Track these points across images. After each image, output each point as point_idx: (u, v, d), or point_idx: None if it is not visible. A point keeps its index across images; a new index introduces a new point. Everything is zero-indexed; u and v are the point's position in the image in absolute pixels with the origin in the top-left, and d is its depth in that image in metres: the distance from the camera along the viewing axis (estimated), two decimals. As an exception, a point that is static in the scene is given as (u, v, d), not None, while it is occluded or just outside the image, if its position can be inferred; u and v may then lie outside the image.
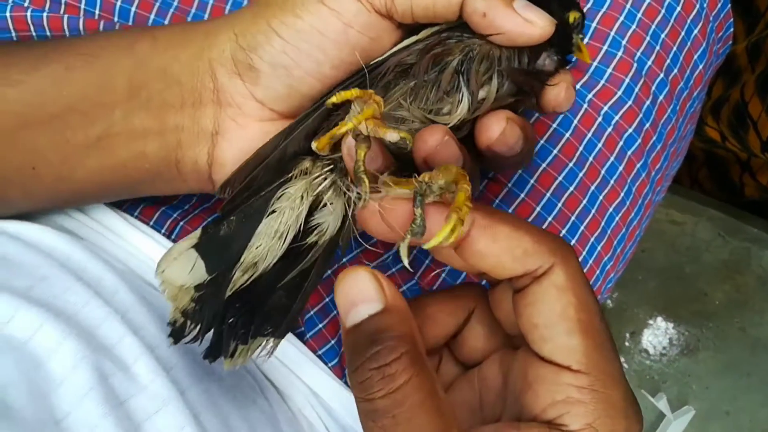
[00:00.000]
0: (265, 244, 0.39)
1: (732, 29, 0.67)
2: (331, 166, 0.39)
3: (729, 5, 0.64)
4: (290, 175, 0.40)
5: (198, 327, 0.38)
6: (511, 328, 0.35)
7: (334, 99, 0.35)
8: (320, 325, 0.52)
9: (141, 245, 0.50)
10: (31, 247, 0.44)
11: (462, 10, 0.39)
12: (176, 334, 0.38)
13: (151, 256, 0.50)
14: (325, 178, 0.39)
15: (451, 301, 0.37)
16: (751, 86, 0.99)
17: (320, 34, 0.40)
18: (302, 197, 0.39)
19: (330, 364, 0.51)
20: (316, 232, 0.40)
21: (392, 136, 0.34)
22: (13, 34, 0.53)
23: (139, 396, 0.38)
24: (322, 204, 0.40)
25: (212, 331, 0.39)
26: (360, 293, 0.30)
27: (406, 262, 0.31)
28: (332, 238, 0.40)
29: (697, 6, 0.60)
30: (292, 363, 0.49)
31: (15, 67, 0.43)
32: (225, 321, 0.38)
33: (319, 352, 0.51)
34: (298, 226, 0.39)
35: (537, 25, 0.38)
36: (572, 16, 0.43)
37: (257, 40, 0.41)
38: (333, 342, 0.52)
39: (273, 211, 0.39)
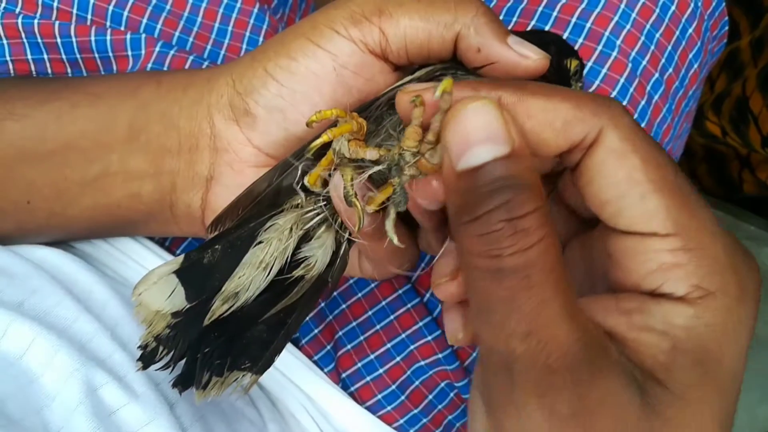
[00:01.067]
0: (249, 274, 0.37)
1: (727, 28, 0.66)
2: (324, 203, 0.38)
3: (723, 4, 0.63)
4: (281, 208, 0.39)
5: (171, 354, 0.37)
6: (583, 210, 0.32)
7: (314, 117, 0.35)
8: (315, 331, 0.52)
9: (132, 253, 0.50)
10: (22, 258, 0.44)
11: (456, 47, 0.38)
12: (146, 359, 0.37)
13: (143, 264, 0.50)
14: (318, 213, 0.38)
15: None
16: (752, 81, 0.99)
17: (315, 76, 0.40)
18: (291, 229, 0.38)
19: (326, 370, 0.51)
20: (303, 266, 0.38)
21: (371, 153, 0.33)
22: (4, 41, 0.53)
23: (129, 408, 0.38)
24: (313, 238, 0.39)
25: (184, 359, 0.37)
26: (482, 129, 0.25)
27: (394, 238, 0.31)
28: (320, 274, 0.39)
29: (692, 5, 0.60)
30: (287, 369, 0.49)
31: (23, 101, 0.44)
32: (200, 350, 0.37)
33: (315, 358, 0.51)
34: (285, 258, 0.38)
35: (531, 59, 0.37)
36: (572, 63, 0.42)
37: (253, 84, 0.41)
38: (329, 347, 0.52)
39: (260, 242, 0.38)
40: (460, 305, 0.31)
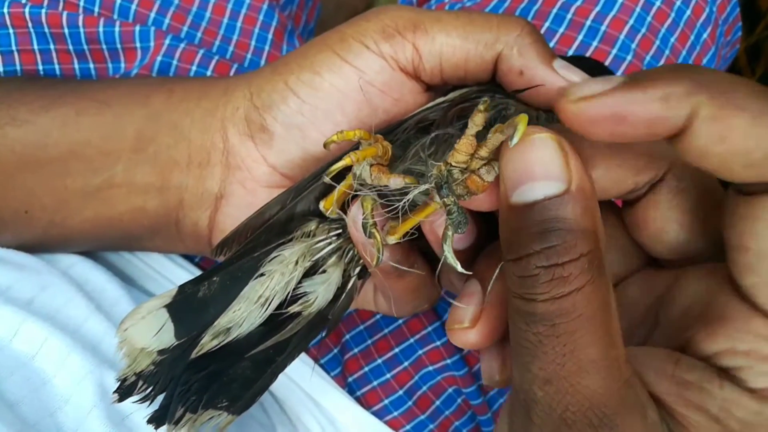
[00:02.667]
0: (245, 309, 0.34)
1: (740, 33, 0.66)
2: (339, 231, 0.35)
3: (738, 9, 0.63)
4: (291, 236, 0.36)
5: (151, 389, 0.34)
6: (659, 247, 0.29)
7: (334, 138, 0.31)
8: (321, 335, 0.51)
9: (160, 267, 0.49)
10: (33, 254, 0.43)
11: (496, 69, 0.36)
12: (124, 392, 0.34)
13: (170, 278, 0.49)
14: (330, 243, 0.35)
15: None
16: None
17: (339, 93, 0.37)
18: (297, 262, 0.35)
19: (332, 374, 0.50)
20: (301, 302, 0.35)
21: (396, 182, 0.30)
22: (11, 30, 0.52)
23: (142, 411, 0.37)
24: (319, 271, 0.36)
25: (164, 392, 0.34)
26: (538, 164, 0.24)
27: (457, 266, 0.27)
28: (320, 311, 0.36)
29: (707, 10, 0.59)
30: (294, 372, 0.48)
31: (26, 106, 0.41)
32: (179, 384, 0.34)
33: (321, 362, 0.50)
34: (286, 293, 0.35)
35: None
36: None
37: (272, 99, 0.38)
38: (335, 351, 0.51)
39: (261, 274, 0.35)
40: (499, 345, 0.30)
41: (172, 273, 0.48)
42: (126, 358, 0.34)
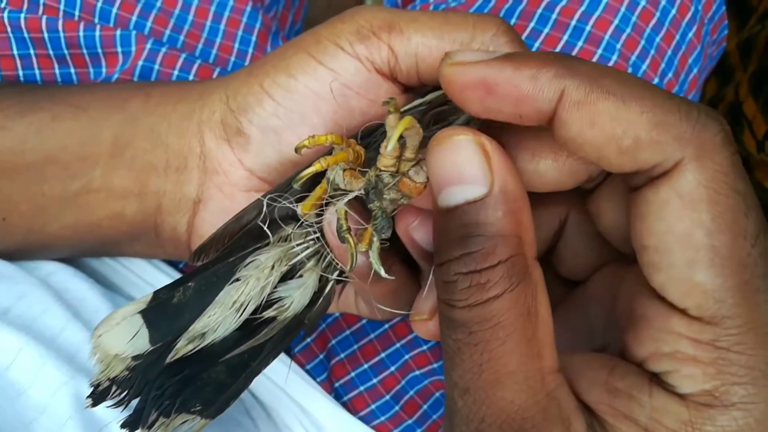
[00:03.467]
0: (220, 314, 0.34)
1: (726, 31, 0.66)
2: (317, 235, 0.35)
3: (724, 7, 0.63)
4: (267, 241, 0.35)
5: (125, 394, 0.34)
6: (620, 241, 0.28)
7: (305, 142, 0.31)
8: (308, 339, 0.51)
9: (143, 273, 0.49)
10: (11, 261, 0.42)
11: None
12: (97, 397, 0.33)
13: (137, 272, 0.48)
14: (307, 247, 0.35)
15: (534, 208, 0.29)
16: (744, 86, 0.98)
17: (315, 95, 0.37)
18: (274, 266, 0.35)
19: (318, 380, 0.50)
20: (275, 307, 0.35)
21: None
22: (-10, 36, 0.51)
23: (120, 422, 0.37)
24: (295, 276, 0.35)
25: (138, 398, 0.34)
26: (458, 168, 0.24)
27: (381, 270, 0.28)
28: (296, 315, 0.35)
29: (692, 9, 0.59)
30: (279, 378, 0.48)
31: (2, 112, 0.41)
32: (153, 388, 0.34)
33: (307, 367, 0.50)
34: (261, 299, 0.35)
35: None
36: None
37: (248, 101, 0.38)
38: (321, 357, 0.51)
39: (237, 279, 0.35)
40: None
41: (155, 278, 0.48)
42: (99, 364, 0.34)
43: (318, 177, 0.32)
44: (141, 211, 0.41)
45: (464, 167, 0.23)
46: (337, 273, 0.36)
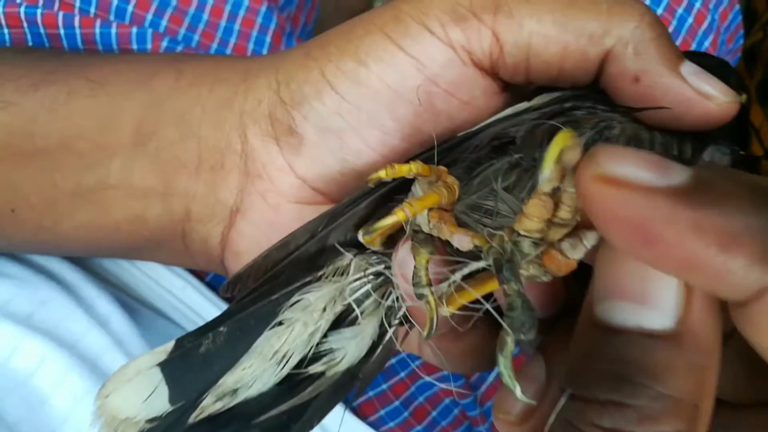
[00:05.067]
0: (257, 367, 0.28)
1: (742, 41, 0.66)
2: (382, 266, 0.28)
3: (740, 17, 0.63)
4: (320, 273, 0.29)
5: None
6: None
7: (381, 173, 0.24)
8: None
9: (160, 278, 0.46)
10: (31, 267, 0.42)
11: (602, 71, 0.28)
12: None
13: (170, 289, 0.46)
14: (368, 282, 0.28)
15: None
16: (751, 93, 0.98)
17: (390, 90, 0.30)
18: (326, 308, 0.28)
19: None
20: (325, 360, 0.29)
21: (463, 240, 0.23)
22: (6, 30, 0.51)
23: None
24: (350, 319, 0.29)
25: None
26: (641, 280, 0.17)
27: (517, 389, 0.20)
28: (350, 369, 0.29)
29: (709, 18, 0.59)
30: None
31: (13, 83, 0.36)
32: None
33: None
34: (309, 348, 0.28)
35: (716, 101, 0.26)
36: (743, 97, 0.29)
37: (303, 92, 0.31)
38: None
39: (280, 323, 0.28)
40: None
41: (170, 282, 0.46)
42: (105, 429, 0.28)
43: (392, 192, 0.25)
44: (166, 216, 0.35)
45: (653, 283, 0.17)
46: (402, 314, 0.29)
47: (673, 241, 0.15)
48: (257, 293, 0.30)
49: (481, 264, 0.22)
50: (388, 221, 0.24)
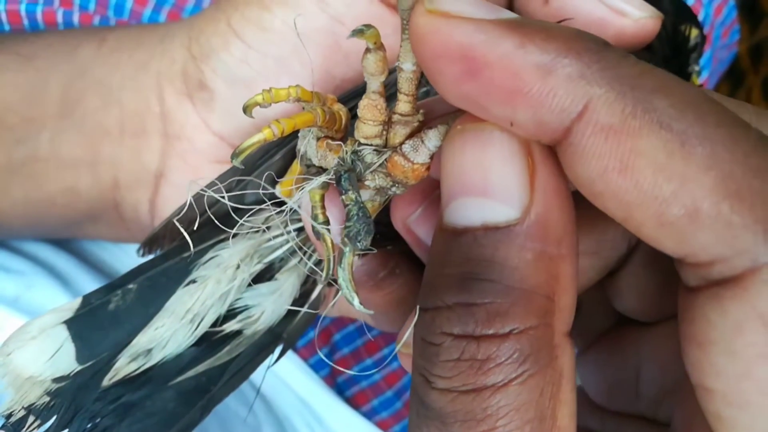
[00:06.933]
0: (170, 326, 0.27)
1: (738, 36, 0.66)
2: (302, 224, 0.26)
3: (735, 12, 0.63)
4: (234, 230, 0.27)
5: (49, 425, 0.26)
6: (636, 310, 0.22)
7: (258, 98, 0.21)
8: (311, 334, 0.51)
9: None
10: (19, 256, 0.43)
11: None
12: (11, 429, 0.26)
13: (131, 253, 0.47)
14: (287, 240, 0.27)
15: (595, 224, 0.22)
16: (757, 90, 0.98)
17: (296, 34, 0.28)
18: (239, 265, 0.27)
19: (321, 374, 0.51)
20: (241, 318, 0.28)
21: (326, 157, 0.21)
22: (7, 27, 0.52)
23: None
24: (269, 277, 0.28)
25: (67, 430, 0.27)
26: (484, 172, 0.16)
27: (355, 300, 0.19)
28: (271, 329, 0.28)
29: (703, 12, 0.59)
30: (282, 371, 0.48)
31: None
32: (86, 417, 0.27)
33: (310, 362, 0.51)
34: (225, 307, 0.27)
35: (632, 17, 0.23)
36: (692, 31, 0.28)
37: (211, 44, 0.30)
38: (325, 351, 0.52)
39: (192, 281, 0.27)
40: None
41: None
42: (10, 389, 0.27)
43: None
44: (96, 186, 0.34)
45: (493, 173, 0.16)
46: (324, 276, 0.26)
47: (498, 64, 0.15)
48: (170, 251, 0.29)
49: (320, 180, 0.20)
50: (254, 139, 0.20)
